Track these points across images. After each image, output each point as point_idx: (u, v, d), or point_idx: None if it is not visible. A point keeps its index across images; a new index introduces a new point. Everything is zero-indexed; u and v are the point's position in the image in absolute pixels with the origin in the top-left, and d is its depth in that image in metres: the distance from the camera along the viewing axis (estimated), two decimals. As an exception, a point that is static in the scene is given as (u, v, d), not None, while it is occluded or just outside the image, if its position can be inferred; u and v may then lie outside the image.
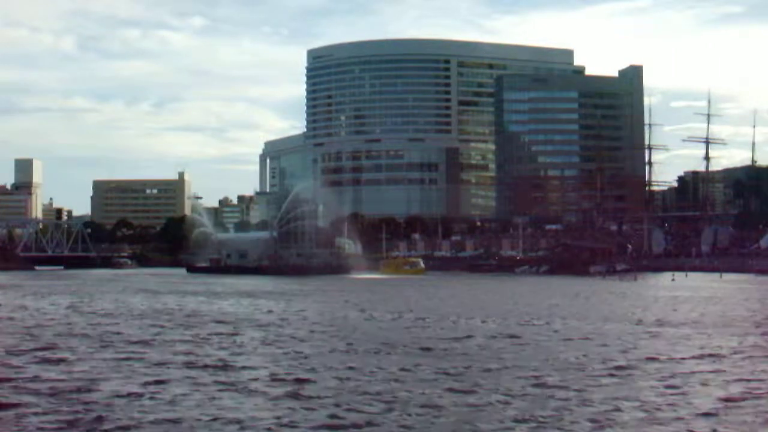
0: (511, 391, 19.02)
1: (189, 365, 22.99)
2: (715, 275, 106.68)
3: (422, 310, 46.85)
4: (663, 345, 28.69)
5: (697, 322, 38.08)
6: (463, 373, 21.61)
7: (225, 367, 22.70)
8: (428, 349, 26.73)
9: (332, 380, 20.37)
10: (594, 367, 22.88)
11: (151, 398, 17.84)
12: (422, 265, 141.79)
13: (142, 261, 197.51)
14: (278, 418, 16.05)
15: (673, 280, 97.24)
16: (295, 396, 18.36)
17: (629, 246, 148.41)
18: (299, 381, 20.32)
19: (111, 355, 25.52)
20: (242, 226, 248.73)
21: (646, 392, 19.09)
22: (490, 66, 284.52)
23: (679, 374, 21.60)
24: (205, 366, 22.84)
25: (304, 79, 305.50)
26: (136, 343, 29.12)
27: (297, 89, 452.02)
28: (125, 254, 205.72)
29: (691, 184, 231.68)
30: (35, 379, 20.61)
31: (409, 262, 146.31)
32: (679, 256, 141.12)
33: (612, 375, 21.56)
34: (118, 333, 32.70)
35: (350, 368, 22.32)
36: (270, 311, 46.21)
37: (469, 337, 31.06)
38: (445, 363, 23.30)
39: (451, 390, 19.07)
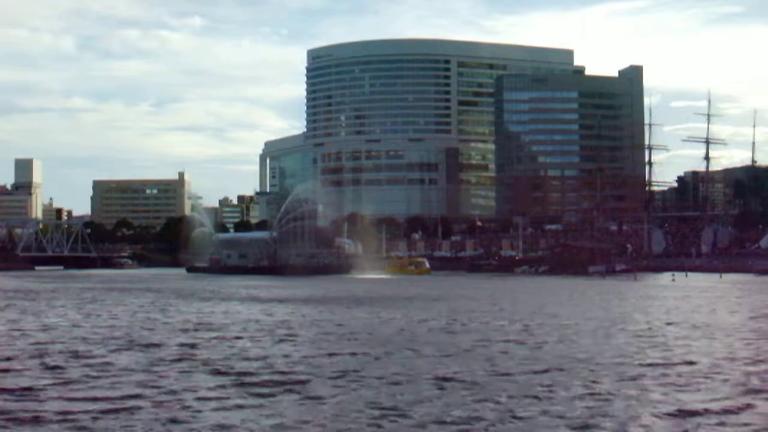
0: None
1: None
2: (715, 275, 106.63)
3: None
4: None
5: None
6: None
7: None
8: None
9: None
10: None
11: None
12: (427, 265, 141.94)
13: (142, 261, 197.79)
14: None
15: (673, 280, 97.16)
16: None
17: (629, 246, 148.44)
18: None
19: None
20: (242, 226, 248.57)
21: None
22: (490, 66, 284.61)
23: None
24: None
25: (304, 79, 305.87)
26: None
27: (297, 89, 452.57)
28: (125, 254, 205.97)
29: (691, 184, 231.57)
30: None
31: (414, 262, 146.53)
32: (679, 256, 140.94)
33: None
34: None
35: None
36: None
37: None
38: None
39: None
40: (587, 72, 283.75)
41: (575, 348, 26.66)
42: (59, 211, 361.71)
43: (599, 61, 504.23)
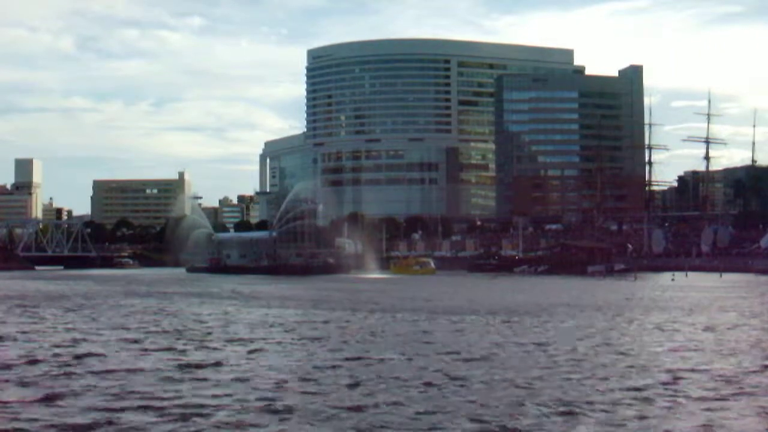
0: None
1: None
2: (715, 275, 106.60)
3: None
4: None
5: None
6: None
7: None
8: None
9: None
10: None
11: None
12: (432, 265, 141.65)
13: (142, 261, 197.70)
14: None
15: (672, 279, 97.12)
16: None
17: (629, 246, 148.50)
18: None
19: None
20: (242, 226, 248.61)
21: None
22: (490, 66, 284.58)
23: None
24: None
25: (304, 79, 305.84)
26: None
27: (297, 89, 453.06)
28: (125, 254, 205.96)
29: (691, 184, 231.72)
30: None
31: (419, 262, 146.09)
32: (679, 256, 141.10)
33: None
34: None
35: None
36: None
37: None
38: None
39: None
40: (587, 72, 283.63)
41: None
42: (59, 211, 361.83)
43: (599, 61, 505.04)
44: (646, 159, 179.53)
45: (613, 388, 18.72)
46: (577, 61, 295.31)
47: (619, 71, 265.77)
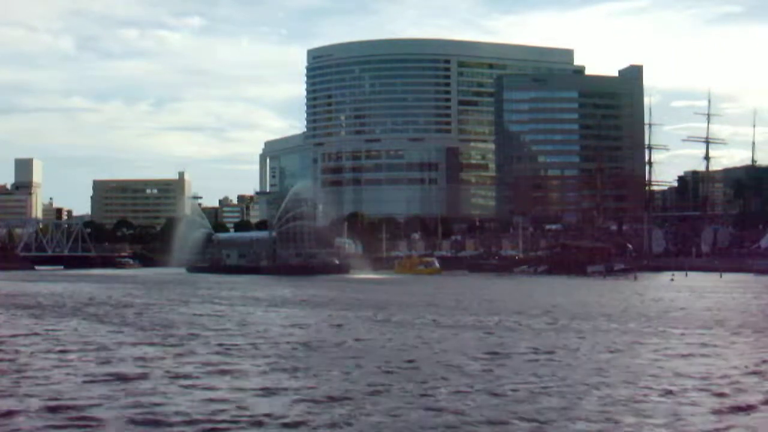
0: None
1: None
2: (715, 275, 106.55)
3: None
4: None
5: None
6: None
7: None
8: None
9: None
10: None
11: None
12: (437, 264, 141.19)
13: (142, 261, 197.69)
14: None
15: (672, 279, 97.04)
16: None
17: (629, 246, 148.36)
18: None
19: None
20: (242, 226, 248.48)
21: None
22: (490, 66, 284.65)
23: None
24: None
25: (304, 78, 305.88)
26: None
27: (297, 89, 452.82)
28: (125, 254, 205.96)
29: (691, 184, 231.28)
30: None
31: (423, 261, 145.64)
32: (679, 256, 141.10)
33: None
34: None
35: None
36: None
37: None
38: None
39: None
40: (587, 72, 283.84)
41: None
42: (59, 211, 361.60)
43: (599, 61, 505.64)
44: (646, 159, 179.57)
45: None
46: (577, 61, 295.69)
47: (619, 71, 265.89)
